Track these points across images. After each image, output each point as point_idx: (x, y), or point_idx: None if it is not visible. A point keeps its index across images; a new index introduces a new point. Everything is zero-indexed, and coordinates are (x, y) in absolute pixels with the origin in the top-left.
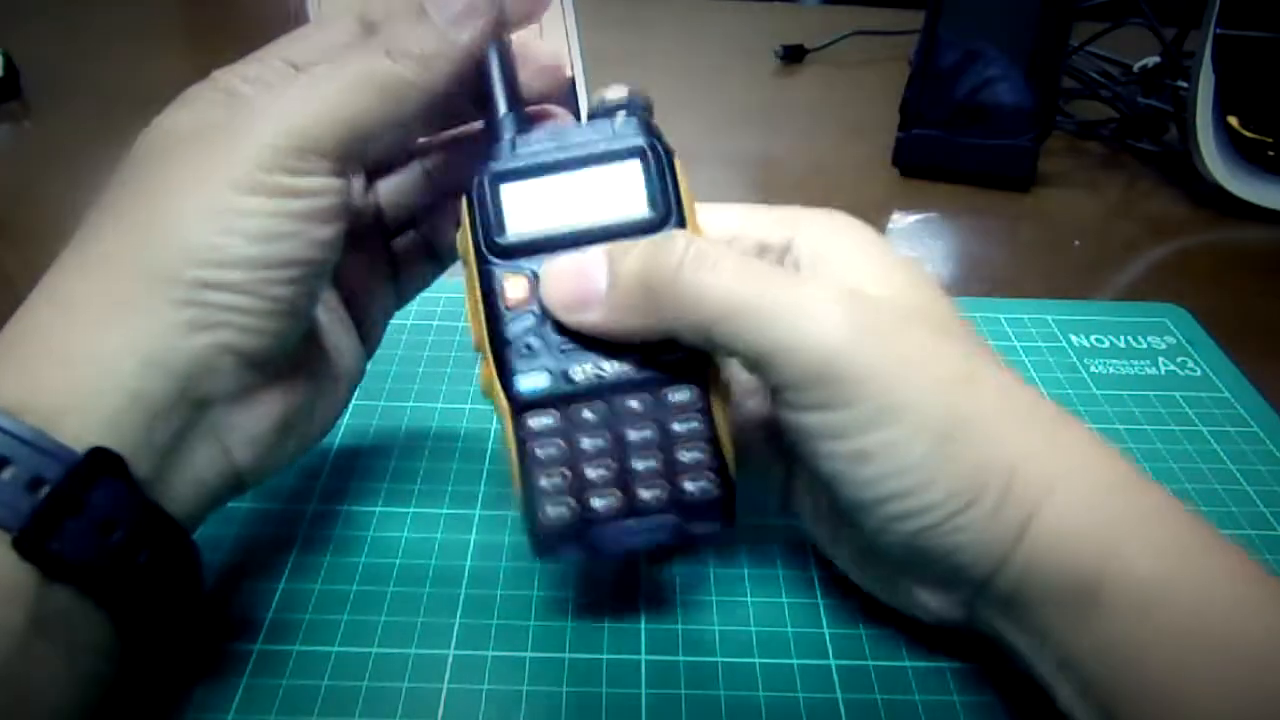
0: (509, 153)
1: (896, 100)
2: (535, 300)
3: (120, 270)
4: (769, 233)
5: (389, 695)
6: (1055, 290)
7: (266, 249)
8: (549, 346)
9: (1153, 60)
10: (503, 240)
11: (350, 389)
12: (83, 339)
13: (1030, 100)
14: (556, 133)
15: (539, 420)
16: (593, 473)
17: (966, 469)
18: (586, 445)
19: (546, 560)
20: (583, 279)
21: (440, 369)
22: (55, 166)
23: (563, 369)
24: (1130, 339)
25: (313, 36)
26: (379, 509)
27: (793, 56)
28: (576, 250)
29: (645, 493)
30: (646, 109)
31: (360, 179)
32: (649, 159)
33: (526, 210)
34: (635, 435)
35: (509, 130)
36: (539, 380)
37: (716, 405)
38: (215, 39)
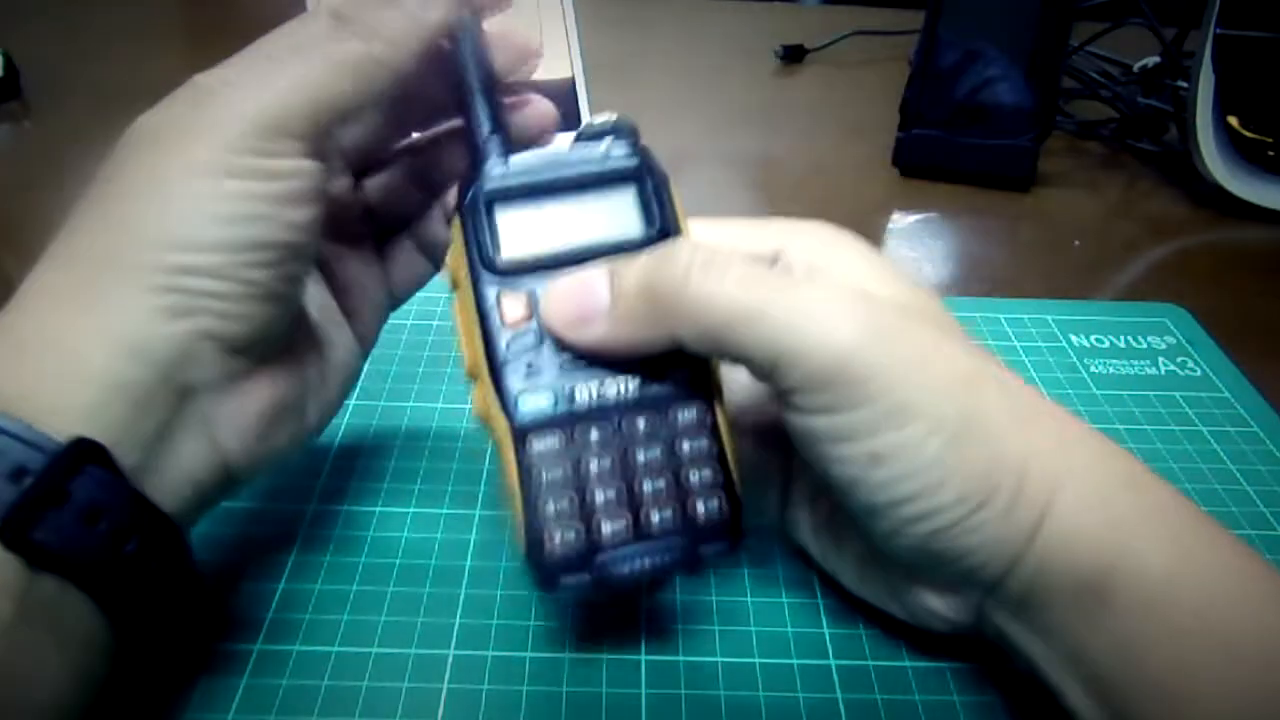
0: (501, 173)
1: (896, 100)
2: (534, 319)
3: (98, 262)
4: (757, 245)
5: (389, 695)
6: (1055, 290)
7: (240, 232)
8: (550, 366)
9: (1153, 60)
10: (499, 260)
11: (345, 385)
12: (63, 330)
13: (1030, 100)
14: (547, 154)
15: (543, 443)
16: (601, 496)
17: (979, 469)
18: (593, 467)
19: (550, 593)
20: (585, 295)
21: (440, 369)
22: (55, 166)
23: (566, 389)
24: (1130, 339)
25: (287, 31)
26: (379, 509)
27: (793, 56)
28: (575, 269)
29: (655, 515)
30: (633, 134)
31: (347, 175)
32: (644, 180)
33: (522, 231)
34: (643, 456)
35: (495, 151)
36: (542, 402)
37: (722, 422)
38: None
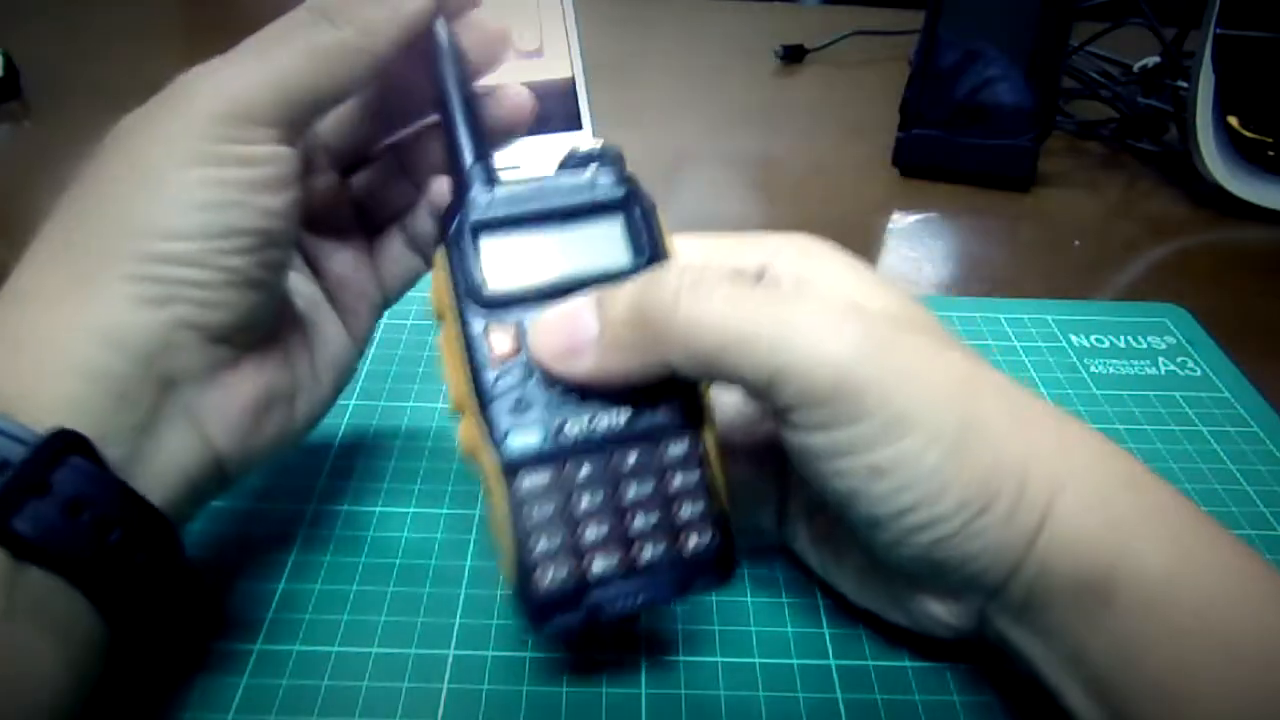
0: (486, 203)
1: (896, 100)
2: (523, 352)
3: (76, 254)
4: (741, 259)
5: (389, 695)
6: (1055, 290)
7: (214, 218)
8: (539, 400)
9: (1153, 60)
10: (486, 292)
11: (338, 379)
12: (43, 323)
13: (1030, 100)
14: (533, 183)
15: (533, 480)
16: (593, 532)
17: (979, 475)
18: (584, 503)
19: (540, 631)
20: (572, 325)
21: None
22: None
23: (555, 424)
24: (1130, 339)
25: (273, 24)
26: (379, 509)
27: (793, 56)
28: (563, 300)
29: (646, 550)
30: (618, 160)
31: (333, 170)
32: (632, 209)
33: (509, 262)
34: (634, 491)
35: (480, 180)
36: (531, 437)
37: (712, 451)
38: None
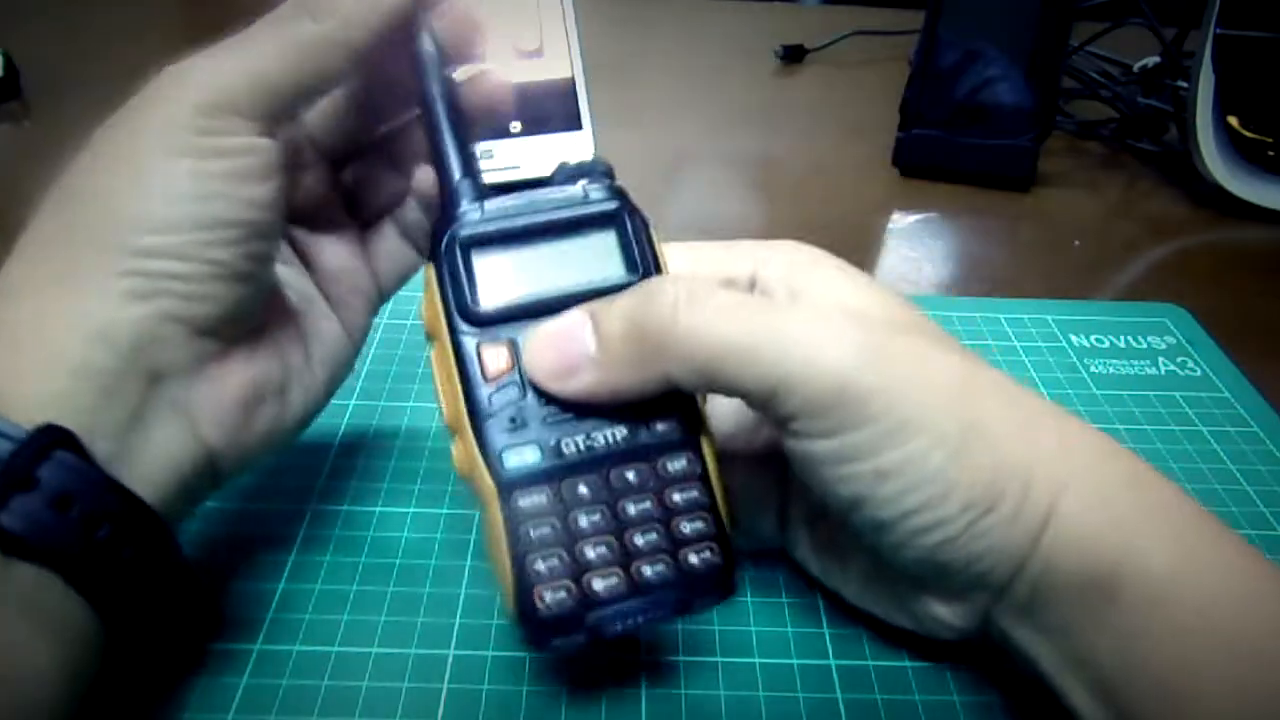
0: (476, 218)
1: (896, 100)
2: (516, 370)
3: (61, 249)
4: (731, 269)
5: (389, 695)
6: (1055, 290)
7: (196, 210)
8: (535, 418)
9: (1153, 60)
10: (478, 309)
11: (333, 374)
12: (27, 319)
13: (1030, 100)
14: (523, 198)
15: (530, 499)
16: (592, 552)
17: (984, 475)
18: (583, 523)
19: (541, 653)
20: (568, 342)
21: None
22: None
23: (552, 442)
24: (1130, 339)
25: (257, 23)
26: (379, 509)
27: (793, 56)
28: (557, 315)
29: (648, 570)
30: (609, 174)
31: (323, 164)
32: (625, 222)
33: (501, 278)
34: (633, 509)
35: (469, 195)
36: (528, 457)
37: (712, 467)
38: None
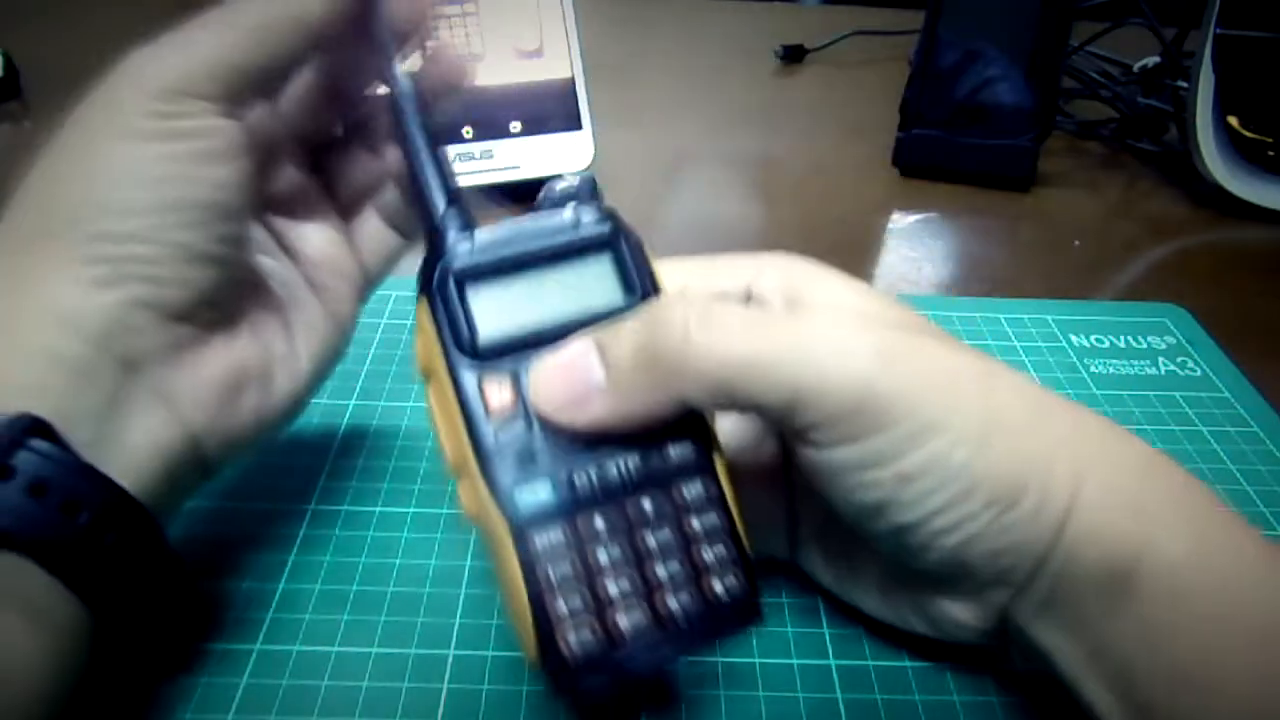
0: (467, 250)
1: (896, 100)
2: (521, 403)
3: (30, 239)
4: (723, 283)
5: (389, 695)
6: (1055, 290)
7: (156, 193)
8: (544, 452)
9: (1153, 60)
10: (477, 343)
11: (320, 360)
12: (1, 311)
13: (1030, 100)
14: (513, 226)
15: (546, 537)
16: (614, 587)
17: (1005, 470)
18: (603, 558)
19: (569, 696)
20: (574, 373)
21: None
22: None
23: (564, 475)
24: (1130, 339)
25: (215, 8)
26: (379, 509)
27: (793, 56)
28: (559, 344)
29: (672, 601)
30: (597, 194)
31: (298, 152)
32: (619, 245)
33: (498, 310)
34: (653, 539)
35: (456, 226)
36: (540, 493)
37: (727, 488)
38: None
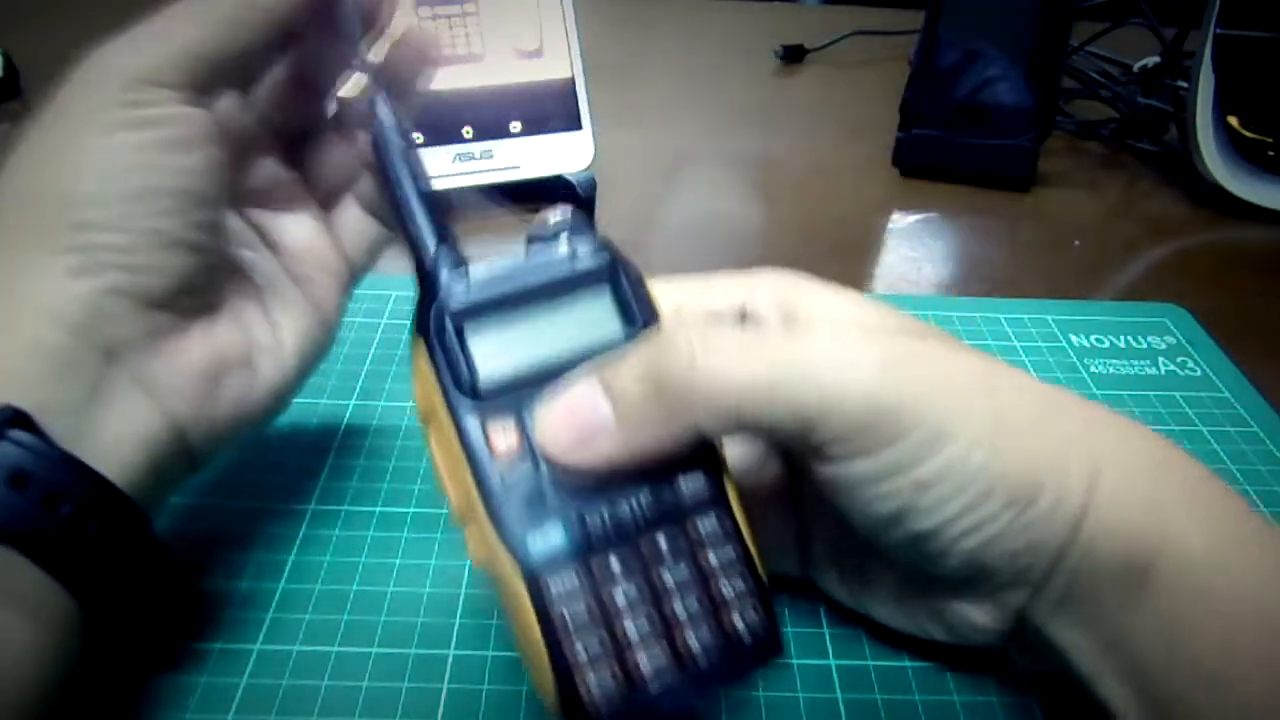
0: (463, 290)
1: (896, 100)
2: (527, 443)
3: (6, 232)
4: (715, 303)
5: (389, 695)
6: (1055, 290)
7: (126, 181)
8: (553, 494)
9: (1153, 60)
10: (478, 385)
11: (305, 352)
12: None
13: (1030, 100)
14: (506, 264)
15: (560, 582)
16: (633, 629)
17: (1022, 469)
18: (619, 599)
19: None
20: (581, 413)
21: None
22: None
23: (575, 516)
24: (1130, 339)
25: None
26: (379, 509)
27: (793, 56)
28: (562, 381)
29: (693, 640)
30: (589, 225)
31: (275, 144)
32: (618, 276)
33: (498, 350)
34: (670, 577)
35: (448, 265)
36: (553, 536)
37: (740, 519)
38: None
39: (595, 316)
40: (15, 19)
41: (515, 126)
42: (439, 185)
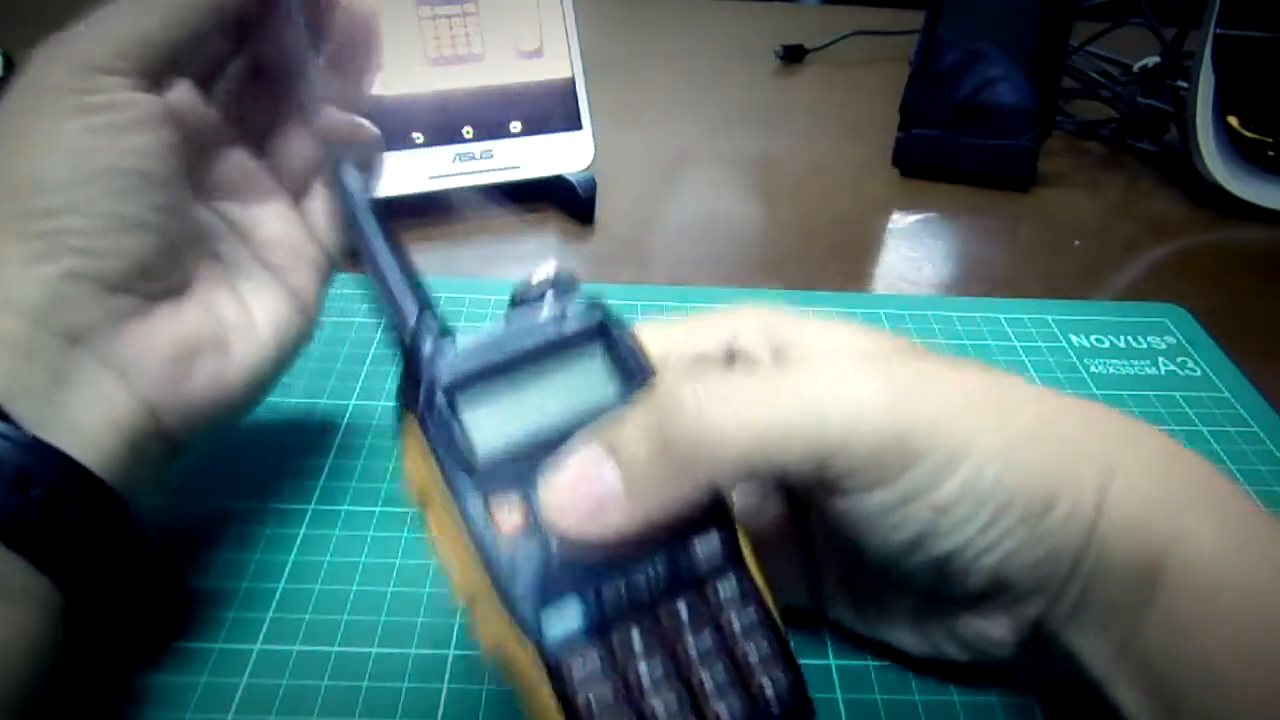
0: (452, 360)
1: (896, 100)
2: (533, 518)
3: None
4: (702, 345)
5: (389, 695)
6: (1055, 290)
7: (78, 164)
8: (563, 568)
9: (1153, 60)
10: (476, 461)
11: (282, 338)
12: None
13: (1030, 100)
14: (496, 329)
15: (583, 664)
16: (661, 708)
17: (1036, 480)
18: (644, 677)
19: None
20: (588, 484)
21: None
22: None
23: (591, 592)
24: (1130, 339)
25: None
26: (378, 509)
27: (793, 56)
28: (564, 450)
29: (723, 711)
30: (573, 284)
31: (245, 135)
32: (610, 333)
33: (494, 422)
34: (694, 647)
35: (431, 334)
36: (570, 616)
37: (758, 576)
38: None
39: (590, 378)
40: (15, 19)
41: (515, 126)
42: (438, 186)
